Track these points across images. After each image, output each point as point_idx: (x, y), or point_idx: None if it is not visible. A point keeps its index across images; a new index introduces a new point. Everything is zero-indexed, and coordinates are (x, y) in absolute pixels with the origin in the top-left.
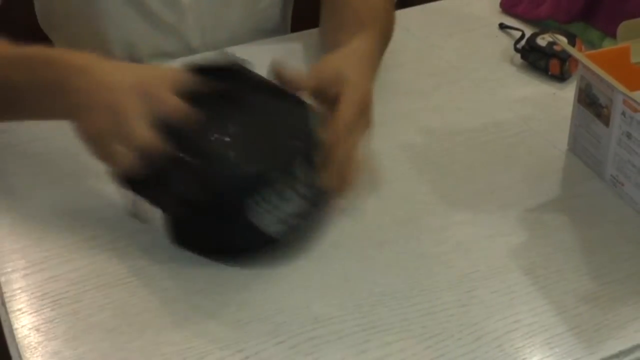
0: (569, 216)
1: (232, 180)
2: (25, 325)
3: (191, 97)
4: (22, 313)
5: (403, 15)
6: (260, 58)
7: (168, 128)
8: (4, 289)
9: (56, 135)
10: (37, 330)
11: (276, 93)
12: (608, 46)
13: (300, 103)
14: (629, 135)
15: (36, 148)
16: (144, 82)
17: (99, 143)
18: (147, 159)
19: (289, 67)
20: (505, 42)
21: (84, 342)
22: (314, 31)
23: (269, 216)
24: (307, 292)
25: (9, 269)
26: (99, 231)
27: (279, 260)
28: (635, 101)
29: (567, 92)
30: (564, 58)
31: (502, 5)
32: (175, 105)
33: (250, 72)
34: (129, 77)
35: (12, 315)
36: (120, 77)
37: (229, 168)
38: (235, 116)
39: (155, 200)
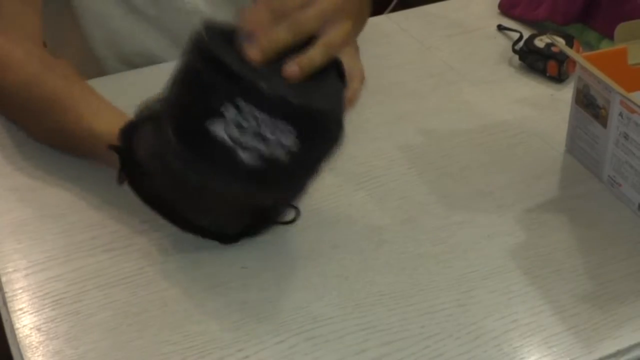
0: (567, 216)
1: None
2: (27, 325)
3: None
4: (24, 313)
5: (402, 17)
6: None
7: None
8: (6, 289)
9: None
10: (39, 329)
11: None
12: (605, 48)
13: None
14: (626, 136)
15: (38, 149)
16: None
17: None
18: None
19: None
20: (503, 44)
21: (85, 342)
22: None
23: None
24: (306, 292)
25: (11, 269)
26: (100, 232)
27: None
28: (632, 102)
29: (565, 94)
30: (561, 59)
31: (500, 7)
32: None
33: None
34: None
35: (13, 315)
36: None
37: None
38: None
39: None
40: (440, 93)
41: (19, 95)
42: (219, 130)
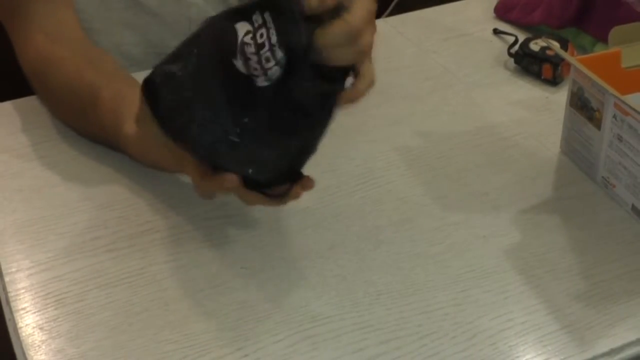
0: (562, 217)
1: None
2: (30, 324)
3: None
4: (26, 312)
5: (399, 21)
6: None
7: None
8: (9, 289)
9: (61, 138)
10: (41, 328)
11: None
12: (600, 51)
13: None
14: (620, 138)
15: (41, 151)
16: None
17: None
18: None
19: None
20: (499, 47)
21: (87, 341)
22: None
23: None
24: (305, 291)
25: (14, 269)
26: (101, 232)
27: None
28: (626, 104)
29: (560, 96)
30: (556, 63)
31: (496, 11)
32: None
33: None
34: None
35: (16, 314)
36: None
37: None
38: None
39: None
40: (437, 96)
41: (62, 92)
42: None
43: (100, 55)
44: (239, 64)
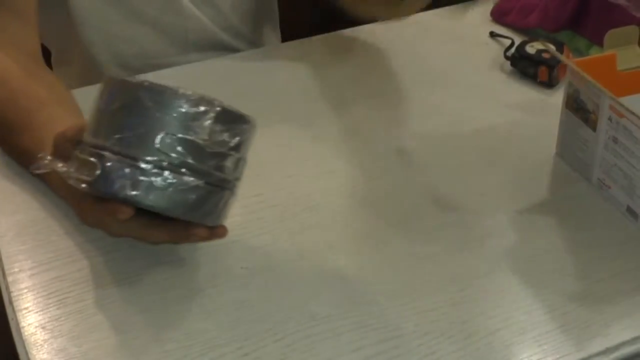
0: (557, 218)
1: None
2: (32, 324)
3: None
4: (29, 312)
5: (397, 24)
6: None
7: None
8: (11, 289)
9: None
10: (43, 328)
11: None
12: (595, 54)
13: None
14: (615, 140)
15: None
16: None
17: None
18: None
19: None
20: (495, 50)
21: (89, 340)
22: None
23: None
24: (304, 291)
25: (16, 269)
26: (103, 233)
27: None
28: (621, 106)
29: (556, 98)
30: (552, 65)
31: (492, 14)
32: None
33: None
34: None
35: (19, 314)
36: None
37: None
38: None
39: None
40: (434, 98)
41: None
42: None
43: (45, 76)
44: None
